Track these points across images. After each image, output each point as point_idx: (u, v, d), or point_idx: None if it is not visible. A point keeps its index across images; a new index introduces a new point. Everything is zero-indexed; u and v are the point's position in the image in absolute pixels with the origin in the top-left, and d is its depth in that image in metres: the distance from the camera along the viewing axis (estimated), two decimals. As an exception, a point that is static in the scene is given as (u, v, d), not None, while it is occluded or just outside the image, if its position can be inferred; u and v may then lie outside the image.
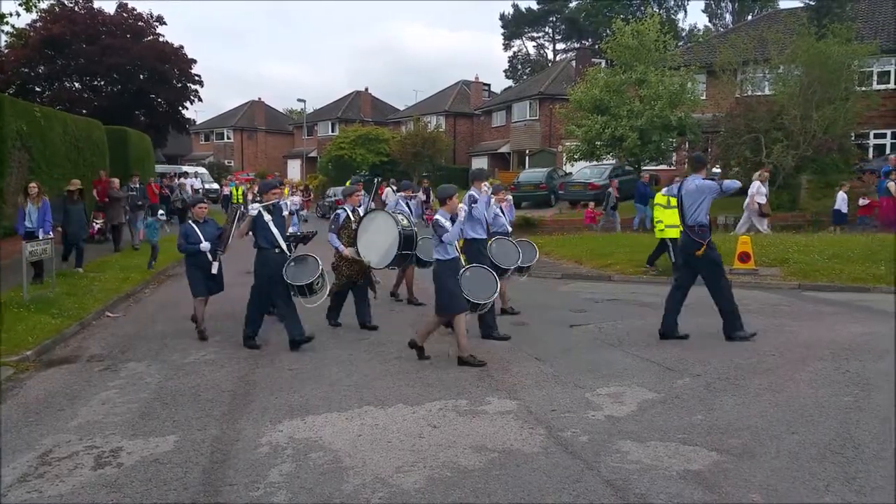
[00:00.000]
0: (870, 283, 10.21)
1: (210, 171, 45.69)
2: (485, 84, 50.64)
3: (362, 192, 9.71)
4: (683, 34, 53.44)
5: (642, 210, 18.82)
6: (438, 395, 5.93)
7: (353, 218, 8.71)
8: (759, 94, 22.17)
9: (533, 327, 8.67)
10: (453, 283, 6.98)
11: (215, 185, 38.26)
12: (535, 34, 63.72)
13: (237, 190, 27.48)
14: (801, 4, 27.96)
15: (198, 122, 55.08)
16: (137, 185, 16.61)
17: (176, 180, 25.06)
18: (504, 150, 40.95)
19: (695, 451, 4.59)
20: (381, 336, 8.34)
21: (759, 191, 15.46)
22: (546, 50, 64.22)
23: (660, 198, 11.59)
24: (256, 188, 24.18)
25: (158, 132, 36.39)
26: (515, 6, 62.15)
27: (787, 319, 8.48)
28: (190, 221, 8.41)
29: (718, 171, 8.16)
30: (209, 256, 8.24)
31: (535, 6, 60.98)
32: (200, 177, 37.86)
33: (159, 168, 36.91)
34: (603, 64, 29.03)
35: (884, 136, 25.17)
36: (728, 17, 55.37)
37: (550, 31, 63.17)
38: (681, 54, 27.46)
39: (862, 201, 16.61)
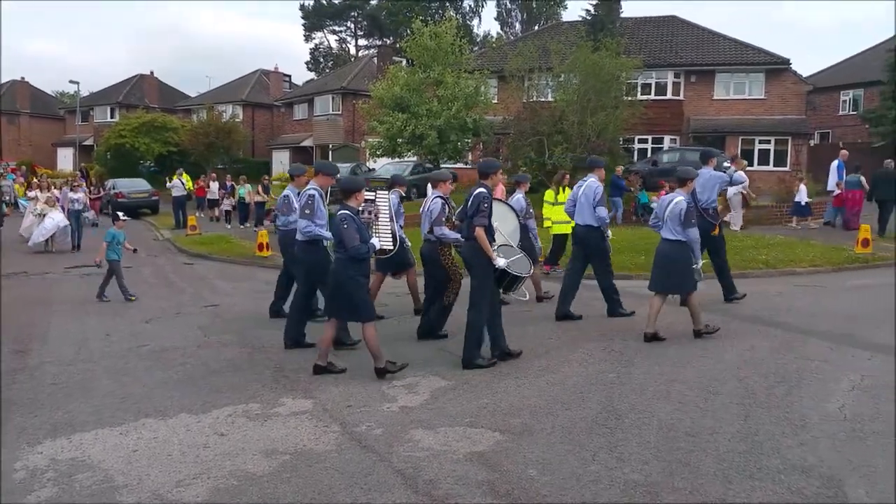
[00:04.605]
0: (633, 272, 11.47)
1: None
2: (285, 75, 49.25)
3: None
4: (478, 39, 56.21)
5: (619, 204, 19.06)
6: (227, 401, 5.64)
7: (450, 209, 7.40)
8: (544, 99, 23.99)
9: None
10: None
11: None
12: (336, 28, 63.28)
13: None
14: (580, 18, 30.75)
15: (-57, 103, 47.29)
16: None
17: None
18: (306, 143, 40.16)
19: (480, 433, 4.84)
20: (167, 342, 7.76)
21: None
22: (348, 45, 64.11)
23: (548, 194, 11.30)
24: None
25: None
26: (316, -3, 61.05)
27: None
28: (348, 212, 6.05)
29: (728, 164, 9.48)
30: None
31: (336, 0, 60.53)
32: None
33: None
34: (404, 63, 29.62)
35: (646, 140, 28.52)
36: (518, 25, 59.22)
37: (352, 26, 63.12)
38: (475, 58, 28.84)
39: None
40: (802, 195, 17.15)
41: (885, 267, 11.84)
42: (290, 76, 50.65)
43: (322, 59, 63.64)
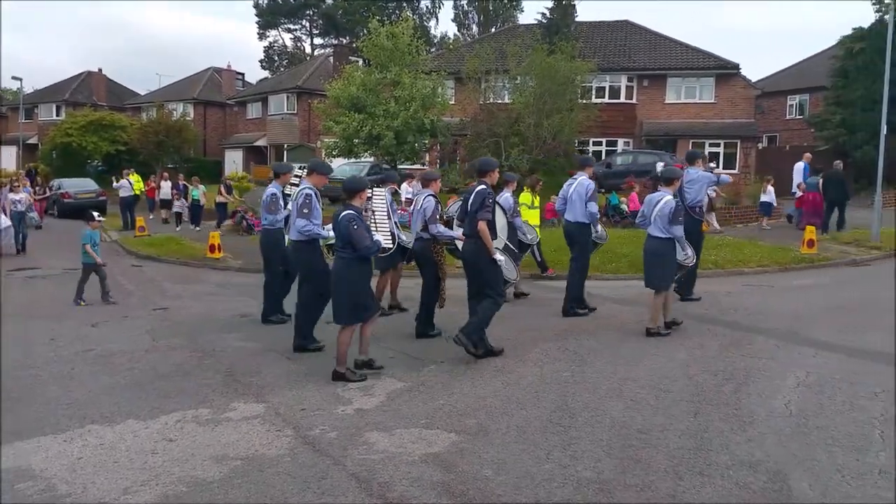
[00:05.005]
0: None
1: None
2: (238, 73, 48.47)
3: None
4: (435, 41, 56.26)
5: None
6: (176, 406, 5.50)
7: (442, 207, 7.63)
8: (500, 101, 24.13)
9: (286, 325, 8.44)
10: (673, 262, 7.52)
11: None
12: (291, 26, 62.48)
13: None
14: (536, 21, 31.05)
15: None
16: None
17: None
18: (260, 143, 39.57)
19: (436, 434, 4.82)
20: (114, 346, 7.55)
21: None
22: (303, 43, 63.35)
23: (524, 197, 11.14)
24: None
25: None
26: (271, -5, 60.14)
27: (522, 307, 9.31)
28: (353, 212, 5.97)
29: (713, 165, 10.13)
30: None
31: (291, -2, 59.72)
32: None
33: None
34: (360, 62, 29.41)
35: (600, 143, 28.96)
36: (475, 27, 59.43)
37: (308, 24, 62.40)
38: (432, 60, 28.84)
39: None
40: (771, 195, 17.67)
41: (829, 267, 12.26)
42: (243, 74, 49.90)
43: (277, 58, 62.78)
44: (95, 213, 10.88)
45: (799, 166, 17.96)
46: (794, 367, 6.27)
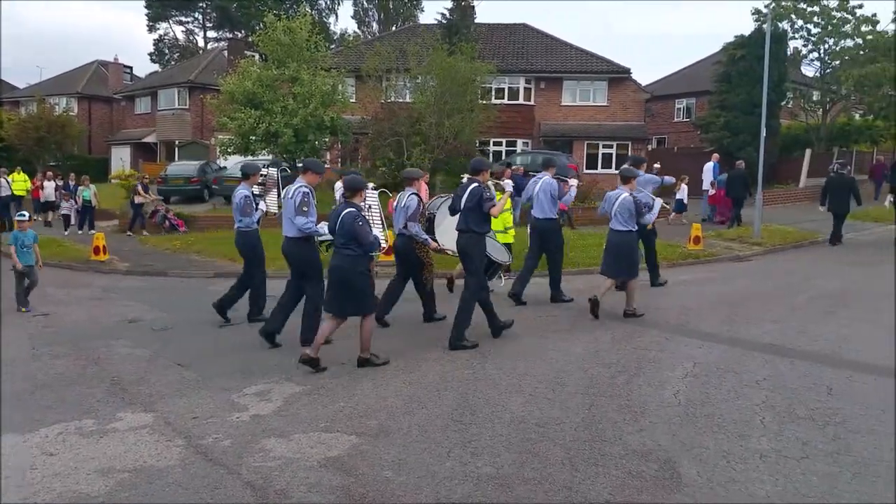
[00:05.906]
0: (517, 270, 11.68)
1: None
2: (126, 66, 45.94)
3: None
4: (335, 37, 55.48)
5: (518, 203, 18.44)
6: (58, 418, 5.16)
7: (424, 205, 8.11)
8: (402, 100, 24.10)
9: (177, 330, 8.09)
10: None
11: None
12: (183, 18, 59.74)
13: None
14: (436, 21, 31.23)
15: None
16: None
17: None
18: (150, 139, 37.62)
19: (335, 437, 4.74)
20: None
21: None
22: (196, 36, 60.76)
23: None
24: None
25: None
26: (162, -15, 57.22)
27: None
28: (355, 210, 6.19)
29: (658, 166, 10.75)
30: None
31: (183, -12, 57.06)
32: None
33: None
34: (256, 57, 28.51)
35: (500, 143, 29.51)
36: (375, 25, 59.12)
37: (200, 17, 59.89)
38: (332, 56, 28.40)
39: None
40: (683, 193, 18.57)
41: (714, 262, 12.98)
42: (131, 68, 47.34)
43: (167, 51, 59.86)
44: (26, 213, 10.55)
45: (709, 166, 19.19)
46: (682, 358, 6.59)
